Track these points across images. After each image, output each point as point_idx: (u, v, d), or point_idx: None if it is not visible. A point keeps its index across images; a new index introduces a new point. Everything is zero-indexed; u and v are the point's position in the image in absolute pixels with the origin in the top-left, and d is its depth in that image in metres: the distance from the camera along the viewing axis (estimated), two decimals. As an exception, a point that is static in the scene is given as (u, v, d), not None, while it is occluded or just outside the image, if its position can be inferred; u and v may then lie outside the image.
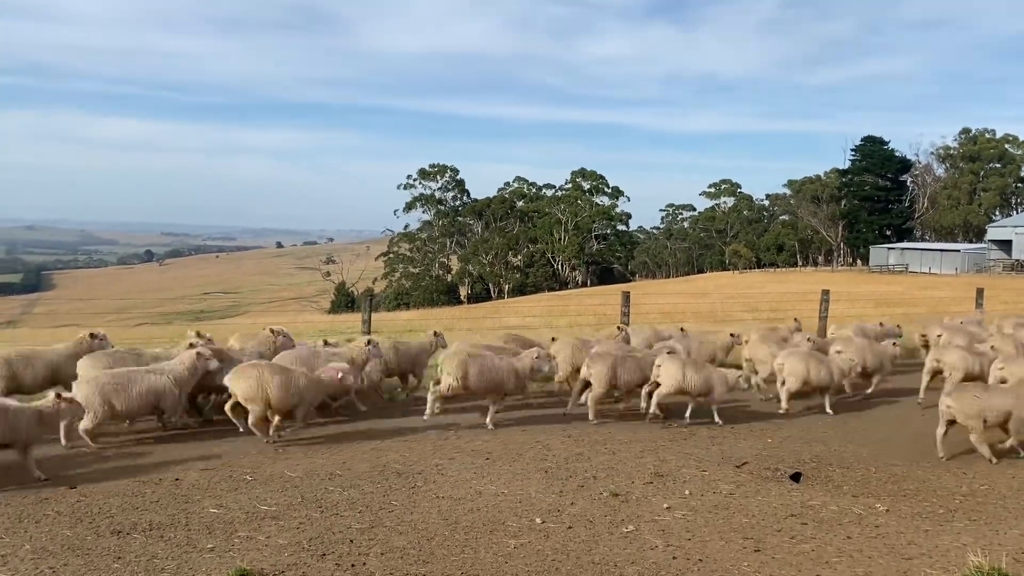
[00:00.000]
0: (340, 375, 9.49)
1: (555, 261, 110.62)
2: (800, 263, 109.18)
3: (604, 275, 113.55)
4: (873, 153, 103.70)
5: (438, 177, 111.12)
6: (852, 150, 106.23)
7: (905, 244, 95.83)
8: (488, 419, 10.03)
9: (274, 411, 9.00)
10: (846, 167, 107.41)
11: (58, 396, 8.07)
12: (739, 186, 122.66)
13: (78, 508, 6.79)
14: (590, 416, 10.36)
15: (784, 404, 11.13)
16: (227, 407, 9.30)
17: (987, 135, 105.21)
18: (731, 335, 13.21)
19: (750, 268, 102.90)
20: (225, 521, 6.57)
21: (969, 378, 11.07)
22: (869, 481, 8.29)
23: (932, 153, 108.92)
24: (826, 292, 16.59)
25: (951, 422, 8.98)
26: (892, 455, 9.28)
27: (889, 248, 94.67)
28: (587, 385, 10.63)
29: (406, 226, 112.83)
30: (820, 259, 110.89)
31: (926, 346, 13.81)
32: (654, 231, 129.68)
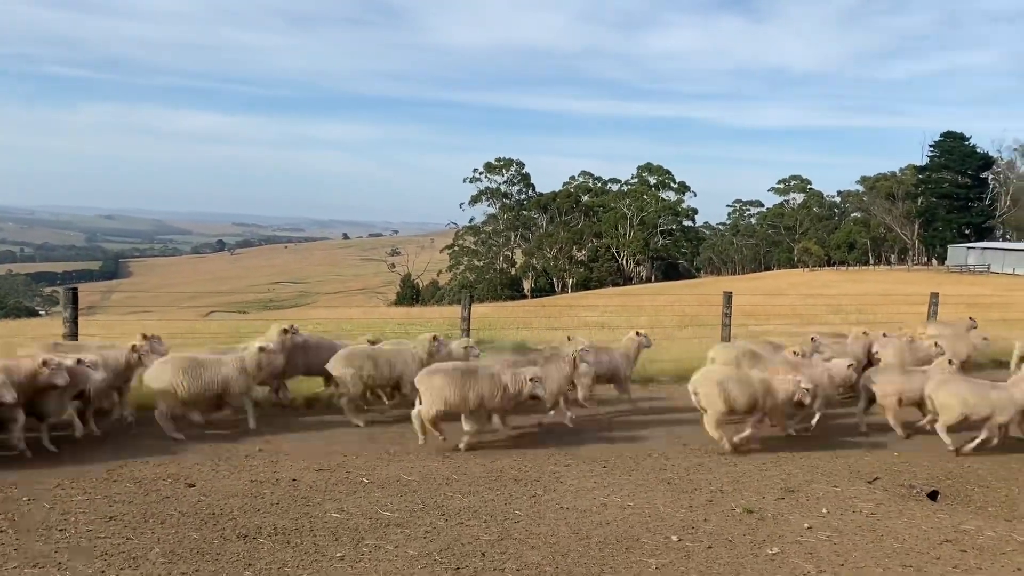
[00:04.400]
0: None
1: (620, 256, 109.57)
2: (872, 262, 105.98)
3: (669, 271, 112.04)
4: (953, 149, 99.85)
5: (504, 171, 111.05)
6: (931, 146, 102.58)
7: (986, 244, 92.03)
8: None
9: None
10: (924, 163, 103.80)
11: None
12: (809, 182, 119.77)
13: (200, 508, 6.66)
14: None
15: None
16: None
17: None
18: None
19: (820, 266, 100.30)
20: (350, 528, 6.36)
21: None
22: (1016, 503, 7.69)
23: (1016, 149, 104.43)
24: (935, 295, 15.77)
25: None
26: (1034, 474, 8.66)
27: (969, 248, 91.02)
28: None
29: (471, 219, 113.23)
30: (893, 258, 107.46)
31: None
32: (720, 227, 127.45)
